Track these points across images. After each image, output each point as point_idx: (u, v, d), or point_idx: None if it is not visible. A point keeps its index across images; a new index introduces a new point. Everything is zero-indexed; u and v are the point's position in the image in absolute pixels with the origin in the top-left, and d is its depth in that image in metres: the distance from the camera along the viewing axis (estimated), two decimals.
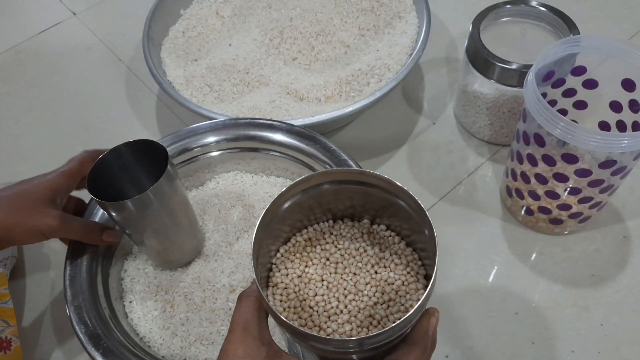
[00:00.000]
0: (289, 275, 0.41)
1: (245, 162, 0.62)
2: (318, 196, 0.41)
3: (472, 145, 0.69)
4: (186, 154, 0.59)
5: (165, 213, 0.49)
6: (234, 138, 0.60)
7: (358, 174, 0.40)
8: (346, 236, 0.43)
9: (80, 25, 0.87)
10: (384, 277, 0.40)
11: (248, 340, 0.36)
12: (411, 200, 0.38)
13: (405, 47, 0.68)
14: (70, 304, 0.50)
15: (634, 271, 0.59)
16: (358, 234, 0.43)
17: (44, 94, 0.79)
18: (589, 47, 0.52)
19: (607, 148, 0.47)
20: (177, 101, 0.65)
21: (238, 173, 0.63)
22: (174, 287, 0.55)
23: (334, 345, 0.35)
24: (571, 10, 0.62)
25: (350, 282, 0.40)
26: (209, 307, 0.54)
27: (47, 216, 0.48)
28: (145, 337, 0.53)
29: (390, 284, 0.40)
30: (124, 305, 0.55)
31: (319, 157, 0.57)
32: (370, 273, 0.40)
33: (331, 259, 0.41)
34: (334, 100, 0.67)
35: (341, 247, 0.42)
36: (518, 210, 0.61)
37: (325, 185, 0.41)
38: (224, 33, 0.76)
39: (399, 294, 0.39)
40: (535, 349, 0.55)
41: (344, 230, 0.43)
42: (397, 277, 0.40)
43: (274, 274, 0.41)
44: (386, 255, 0.41)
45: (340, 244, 0.42)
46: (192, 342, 0.52)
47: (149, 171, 0.50)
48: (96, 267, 0.53)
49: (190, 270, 0.56)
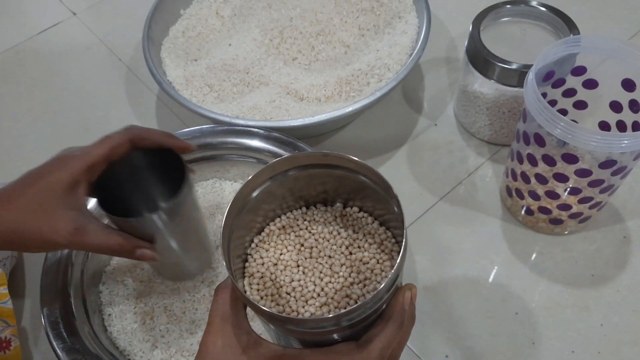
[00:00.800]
0: (265, 264, 0.41)
1: (224, 170, 0.62)
2: (288, 183, 0.41)
3: (472, 145, 0.69)
4: None
5: (184, 224, 0.47)
6: (212, 145, 0.60)
7: (322, 157, 0.40)
8: (319, 221, 0.43)
9: (80, 25, 0.87)
10: (359, 257, 0.40)
11: (227, 331, 0.36)
12: (376, 176, 0.38)
13: (405, 47, 0.68)
14: (47, 319, 0.49)
15: (634, 271, 0.58)
16: (331, 217, 0.43)
17: (44, 94, 0.79)
18: (589, 47, 0.52)
19: (607, 148, 0.47)
20: (177, 101, 0.65)
21: (217, 181, 0.63)
22: (154, 298, 0.54)
23: (309, 325, 0.35)
24: (571, 10, 0.62)
25: (325, 265, 0.40)
26: (189, 318, 0.53)
27: (57, 232, 0.41)
28: (125, 350, 0.52)
29: (365, 263, 0.40)
30: (102, 319, 0.54)
31: None
32: (344, 254, 0.41)
33: (305, 244, 0.41)
34: (334, 100, 0.67)
35: (315, 231, 0.42)
36: (518, 211, 0.61)
37: (292, 171, 0.40)
38: (224, 33, 0.76)
39: (374, 272, 0.40)
40: (535, 349, 0.55)
41: (317, 216, 0.43)
42: (371, 256, 0.40)
43: (249, 264, 0.41)
44: (359, 236, 0.42)
45: (314, 229, 0.42)
46: (173, 353, 0.51)
47: (160, 178, 0.48)
48: (71, 279, 0.52)
49: (169, 281, 0.55)
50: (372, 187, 0.40)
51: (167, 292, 0.55)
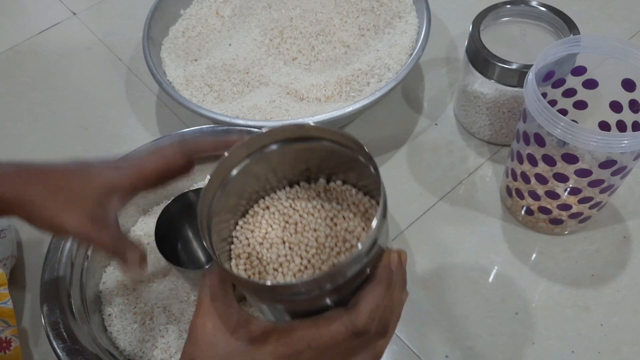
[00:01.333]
0: (251, 244, 0.41)
1: None
2: (268, 161, 0.40)
3: (472, 145, 0.69)
4: None
5: None
6: None
7: (296, 129, 0.39)
8: (303, 197, 0.43)
9: (80, 25, 0.87)
10: (344, 227, 0.40)
11: (216, 311, 0.36)
12: (347, 139, 0.37)
13: (405, 47, 0.68)
14: (47, 319, 0.49)
15: (634, 271, 0.58)
16: (314, 193, 0.43)
17: (44, 94, 0.79)
18: (589, 47, 0.52)
19: (607, 148, 0.47)
20: (177, 101, 0.65)
21: None
22: (153, 298, 0.54)
23: (295, 290, 0.34)
24: (571, 10, 0.62)
25: (311, 238, 0.40)
26: (188, 318, 0.53)
27: (70, 219, 0.40)
28: (125, 350, 0.52)
29: (351, 232, 0.40)
30: (102, 319, 0.54)
31: None
32: (329, 226, 0.41)
33: (290, 221, 0.41)
34: (334, 100, 0.67)
35: (298, 208, 0.42)
36: (518, 210, 0.61)
37: (271, 147, 0.40)
38: (224, 33, 0.76)
39: (361, 241, 0.40)
40: (535, 349, 0.55)
41: (301, 193, 0.43)
42: (356, 225, 0.40)
43: (235, 246, 0.41)
44: (344, 207, 0.42)
45: (297, 205, 0.42)
46: (173, 353, 0.51)
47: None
48: (72, 280, 0.52)
49: (167, 281, 0.55)
50: (349, 156, 0.39)
51: (165, 293, 0.55)
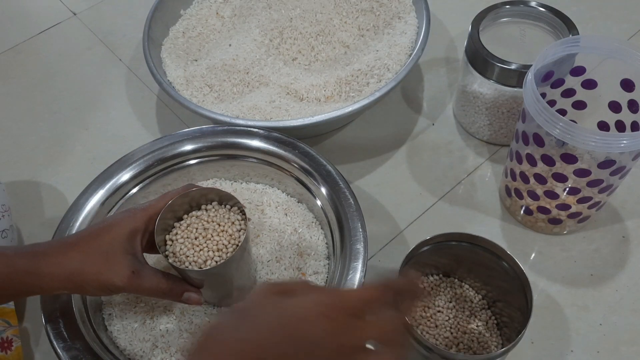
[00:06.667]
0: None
1: (225, 170, 0.62)
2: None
3: (471, 145, 0.69)
4: (164, 163, 0.59)
5: (236, 270, 0.49)
6: (212, 146, 0.60)
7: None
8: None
9: (80, 25, 0.87)
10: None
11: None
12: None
13: (405, 48, 0.68)
14: (48, 318, 0.49)
15: (633, 271, 0.59)
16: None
17: (44, 94, 0.79)
18: (588, 48, 0.52)
19: (606, 148, 0.47)
20: (177, 101, 0.65)
21: (217, 180, 0.63)
22: (153, 298, 0.54)
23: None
24: (570, 10, 0.62)
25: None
26: (188, 318, 0.53)
27: (116, 275, 0.44)
28: (125, 350, 0.52)
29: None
30: (103, 318, 0.54)
31: (298, 162, 0.58)
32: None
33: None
34: (334, 100, 0.67)
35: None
36: (517, 210, 0.62)
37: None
38: (224, 33, 0.76)
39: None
40: (535, 348, 0.55)
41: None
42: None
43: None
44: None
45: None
46: (173, 353, 0.51)
47: None
48: None
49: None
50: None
51: None
